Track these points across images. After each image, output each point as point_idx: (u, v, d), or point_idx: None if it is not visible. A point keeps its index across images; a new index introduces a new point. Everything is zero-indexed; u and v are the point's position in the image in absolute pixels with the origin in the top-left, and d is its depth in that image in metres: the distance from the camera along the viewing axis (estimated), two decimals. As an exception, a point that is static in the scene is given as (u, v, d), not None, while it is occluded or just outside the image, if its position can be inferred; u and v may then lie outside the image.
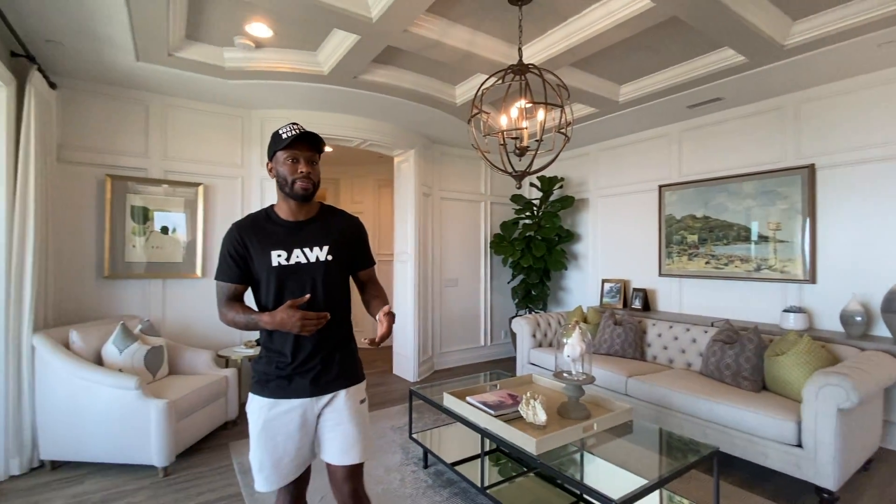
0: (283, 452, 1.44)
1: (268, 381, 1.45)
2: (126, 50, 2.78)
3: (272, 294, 1.45)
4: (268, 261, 1.44)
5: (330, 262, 1.50)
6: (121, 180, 3.36)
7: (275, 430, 1.43)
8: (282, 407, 1.44)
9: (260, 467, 1.43)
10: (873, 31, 2.52)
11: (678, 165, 4.19)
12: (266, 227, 1.49)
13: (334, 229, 1.56)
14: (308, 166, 1.44)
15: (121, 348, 2.77)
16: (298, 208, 1.51)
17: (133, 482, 2.48)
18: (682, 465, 1.88)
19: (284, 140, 1.41)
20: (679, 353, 3.58)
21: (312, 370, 1.47)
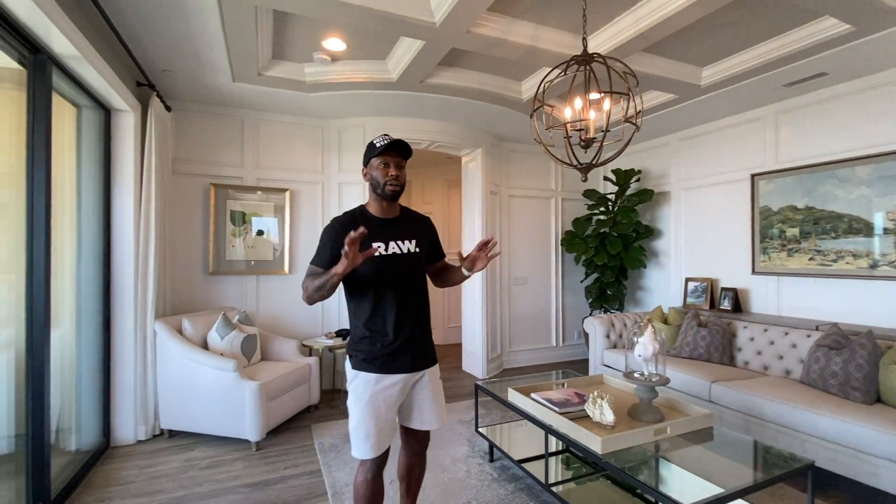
0: (385, 421, 1.63)
1: (374, 359, 1.63)
2: (224, 73, 3.16)
3: (372, 281, 1.64)
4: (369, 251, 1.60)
5: (417, 253, 1.75)
6: (222, 188, 3.81)
7: (380, 401, 1.61)
8: (386, 381, 1.63)
9: (367, 436, 1.59)
10: None
11: (774, 151, 3.77)
12: (365, 223, 1.66)
13: (417, 227, 1.81)
14: (396, 170, 1.66)
15: (222, 335, 3.15)
16: (388, 207, 1.73)
17: (232, 453, 2.81)
18: (768, 477, 1.71)
19: (378, 148, 1.64)
20: (775, 360, 3.23)
21: (412, 349, 1.68)
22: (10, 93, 2.14)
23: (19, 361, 2.17)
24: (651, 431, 2.02)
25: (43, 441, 2.15)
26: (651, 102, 3.83)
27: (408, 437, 1.84)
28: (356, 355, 1.66)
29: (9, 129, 2.13)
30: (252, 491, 2.38)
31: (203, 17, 2.47)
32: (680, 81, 3.34)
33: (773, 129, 3.77)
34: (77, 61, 2.27)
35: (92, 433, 2.82)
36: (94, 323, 2.85)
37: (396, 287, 1.66)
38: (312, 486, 2.43)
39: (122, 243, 2.97)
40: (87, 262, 2.83)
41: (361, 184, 4.12)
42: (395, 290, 1.66)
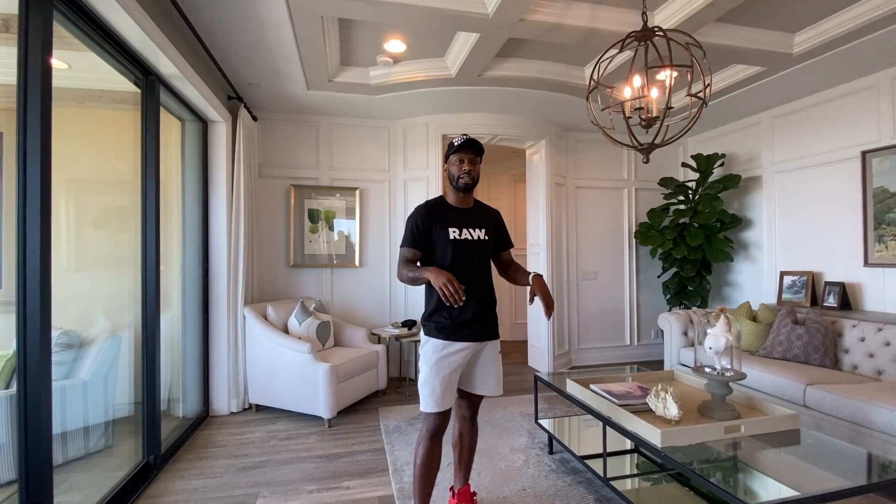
0: (449, 383, 1.84)
1: (444, 328, 1.86)
2: (299, 82, 3.46)
3: (448, 259, 1.88)
4: (446, 235, 1.89)
5: (486, 241, 1.96)
6: (300, 189, 4.16)
7: (445, 364, 1.84)
8: (452, 348, 1.85)
9: (432, 393, 1.81)
10: None
11: (892, 124, 3.25)
12: (442, 210, 1.94)
13: (487, 217, 2.02)
14: (469, 165, 1.89)
15: (300, 321, 3.45)
16: (463, 198, 1.96)
17: (307, 427, 3.08)
18: (859, 485, 1.51)
19: (454, 147, 1.89)
20: (892, 364, 2.79)
21: (475, 322, 1.88)
22: (128, 113, 2.56)
23: (137, 340, 2.58)
24: (721, 429, 1.87)
25: (155, 408, 2.54)
26: (733, 78, 3.50)
27: (461, 401, 2.02)
28: (429, 325, 1.90)
29: (128, 143, 2.55)
30: (323, 461, 2.59)
31: (279, 32, 2.74)
32: (767, 51, 3.02)
33: (889, 97, 3.25)
34: (179, 80, 2.63)
35: (194, 403, 3.24)
36: (196, 308, 3.28)
37: (466, 268, 1.88)
38: (376, 462, 2.58)
39: (217, 238, 3.37)
40: (190, 254, 3.26)
41: (425, 180, 4.25)
42: (465, 270, 1.87)
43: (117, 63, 2.25)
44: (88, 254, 2.71)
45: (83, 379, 2.42)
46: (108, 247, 2.81)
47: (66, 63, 2.27)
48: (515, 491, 2.25)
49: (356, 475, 2.44)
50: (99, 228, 2.80)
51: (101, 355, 2.51)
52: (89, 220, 2.71)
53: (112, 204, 2.82)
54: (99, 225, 2.79)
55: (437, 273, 1.72)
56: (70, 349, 2.42)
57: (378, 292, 4.34)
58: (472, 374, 1.96)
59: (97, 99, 2.69)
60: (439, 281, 1.69)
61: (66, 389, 2.33)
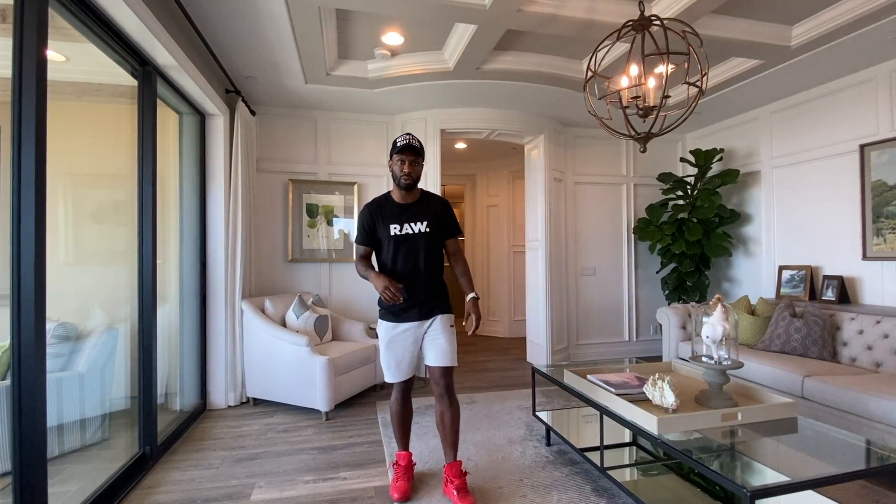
0: (402, 358, 2.12)
1: (392, 312, 2.11)
2: (297, 76, 3.45)
3: (390, 254, 2.10)
4: (388, 231, 2.08)
5: (428, 233, 2.11)
6: (299, 183, 4.16)
7: (396, 343, 2.11)
8: (400, 328, 2.10)
9: (387, 367, 2.13)
10: None
11: (890, 117, 3.25)
12: (385, 207, 2.13)
13: (431, 210, 2.15)
14: (409, 167, 2.04)
15: (298, 315, 3.45)
16: (406, 194, 2.12)
17: (305, 420, 3.07)
18: (852, 470, 1.50)
19: (396, 147, 2.05)
20: (890, 355, 2.79)
21: (419, 306, 2.11)
22: (126, 107, 2.55)
23: (133, 334, 2.58)
24: (717, 416, 1.87)
25: (151, 399, 2.53)
26: (731, 72, 3.50)
27: (431, 374, 2.16)
28: (381, 309, 2.16)
29: (126, 137, 2.55)
30: (320, 453, 2.58)
31: (276, 24, 2.74)
32: (765, 44, 3.02)
33: (887, 90, 3.25)
34: (176, 71, 2.63)
35: (192, 397, 3.24)
36: (194, 301, 3.28)
37: (407, 260, 2.08)
38: (373, 454, 2.57)
39: (215, 232, 3.37)
40: (188, 248, 3.26)
41: (424, 175, 4.23)
42: (407, 262, 2.08)
43: (114, 53, 2.24)
44: (86, 247, 2.71)
45: (80, 371, 2.41)
46: (106, 240, 2.81)
47: (63, 56, 2.27)
48: (512, 481, 2.25)
49: (353, 466, 2.43)
50: (97, 222, 2.80)
51: (98, 348, 2.50)
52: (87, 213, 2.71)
53: (110, 198, 2.82)
54: (97, 219, 2.79)
55: (376, 278, 1.98)
56: (67, 341, 2.42)
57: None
58: (427, 349, 2.13)
59: (95, 92, 2.69)
60: (378, 287, 1.96)
61: (62, 381, 2.33)
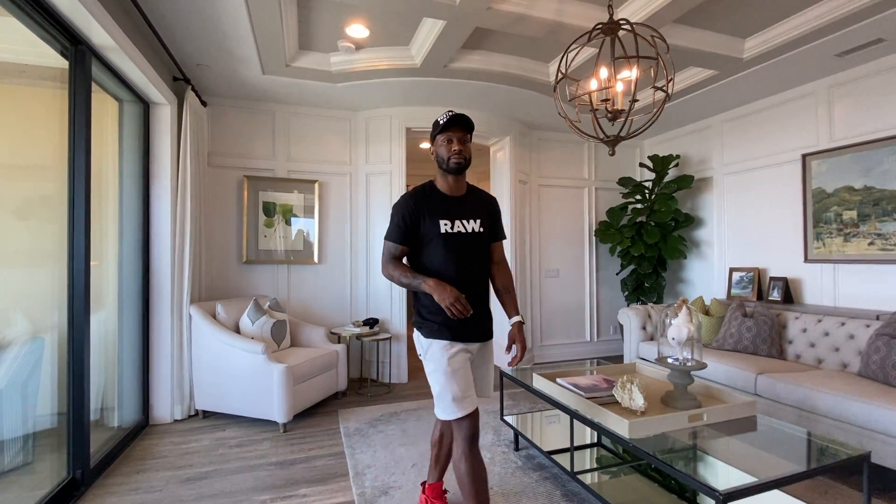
0: (467, 380, 1.68)
1: (446, 327, 1.70)
2: (254, 66, 3.25)
3: (439, 256, 1.71)
4: (436, 228, 1.70)
5: (482, 233, 1.79)
6: (255, 180, 3.93)
7: (458, 363, 1.68)
8: (456, 347, 1.70)
9: (454, 397, 1.62)
10: None
11: (828, 129, 3.48)
12: (432, 199, 1.74)
13: (482, 205, 1.84)
14: (459, 144, 1.70)
15: (253, 320, 3.24)
16: (455, 183, 1.76)
17: (260, 433, 2.88)
18: (815, 467, 1.55)
19: (441, 125, 1.68)
20: (830, 352, 2.96)
21: (476, 321, 1.75)
22: (56, 91, 2.28)
23: (61, 344, 2.30)
24: (685, 418, 1.89)
25: (83, 417, 2.27)
26: (689, 80, 3.63)
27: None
28: (428, 325, 1.73)
29: (55, 125, 2.28)
30: (277, 468, 2.41)
31: (231, 8, 2.55)
32: (720, 55, 3.14)
33: (825, 104, 3.48)
34: (115, 53, 2.38)
35: (132, 411, 2.96)
36: (135, 307, 3.00)
37: (460, 265, 1.71)
38: (335, 467, 2.43)
39: (160, 231, 3.10)
40: (129, 248, 2.98)
41: (388, 174, 4.13)
42: (459, 267, 1.71)
43: (40, 29, 2.00)
44: (7, 247, 2.41)
45: (-3, 387, 2.13)
46: (31, 239, 2.51)
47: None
48: (482, 490, 2.19)
49: (314, 482, 2.29)
50: (21, 219, 2.49)
51: (20, 360, 2.22)
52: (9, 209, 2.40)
53: (36, 192, 2.52)
54: (20, 215, 2.49)
55: (441, 290, 1.59)
56: (-19, 354, 2.13)
57: (338, 290, 4.17)
58: (474, 374, 1.80)
59: (19, 74, 2.40)
60: (446, 301, 1.57)
61: (-26, 399, 2.04)
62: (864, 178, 3.25)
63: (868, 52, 3.02)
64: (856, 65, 3.22)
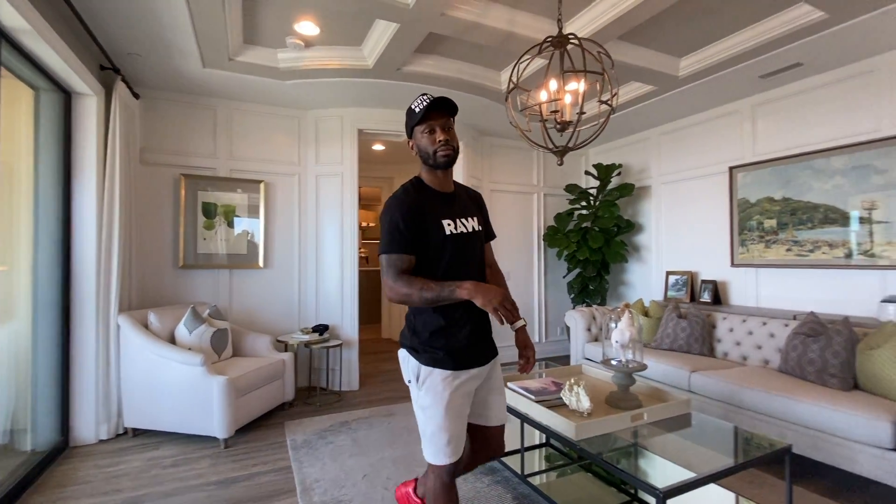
0: (464, 421, 1.47)
1: (451, 354, 1.45)
2: (193, 57, 3.05)
3: (444, 261, 1.45)
4: (440, 230, 1.45)
5: (480, 231, 1.59)
6: (193, 179, 3.69)
7: (460, 399, 1.44)
8: (464, 376, 1.46)
9: (449, 440, 1.42)
10: None
11: (752, 144, 3.80)
12: (428, 197, 1.49)
13: (473, 201, 1.65)
14: (445, 133, 1.45)
15: (190, 329, 3.03)
16: (444, 178, 1.53)
17: (199, 451, 2.69)
18: (742, 461, 1.68)
19: (418, 114, 1.43)
20: (754, 350, 3.23)
21: (483, 339, 1.55)
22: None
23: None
24: (628, 417, 1.98)
25: (-11, 439, 2.02)
26: (631, 94, 3.83)
27: (488, 438, 1.61)
28: (430, 350, 1.45)
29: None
30: (217, 488, 2.27)
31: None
32: (658, 72, 3.34)
33: (750, 121, 3.79)
34: (29, 36, 2.15)
35: (49, 433, 2.67)
36: (53, 317, 2.71)
37: (468, 270, 1.48)
38: (281, 483, 2.33)
39: (84, 234, 2.83)
40: (45, 252, 2.69)
41: (339, 175, 4.03)
42: (468, 273, 1.47)
43: (-65, 4, 1.76)
44: None
45: None
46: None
47: None
48: (434, 498, 2.17)
49: (257, 500, 2.17)
50: None
51: None
52: None
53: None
54: None
55: (486, 292, 1.32)
56: None
57: (285, 295, 4.01)
58: (487, 402, 1.58)
59: None
60: (494, 303, 1.31)
61: None
62: (782, 189, 3.58)
63: (788, 75, 3.33)
64: (777, 86, 3.53)
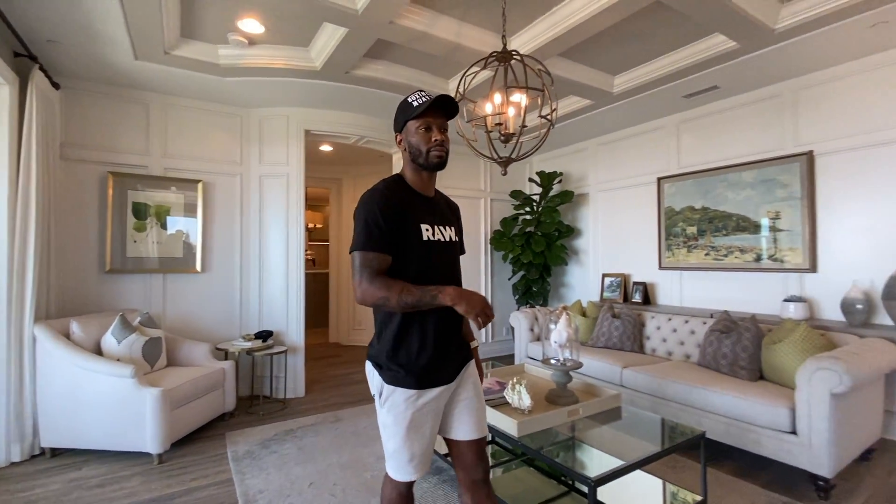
0: (430, 439, 1.39)
1: (413, 373, 1.35)
2: (124, 48, 2.86)
3: (418, 270, 1.35)
4: (418, 234, 1.36)
5: (456, 242, 1.51)
6: (122, 177, 3.44)
7: (423, 419, 1.36)
8: (430, 394, 1.37)
9: (411, 458, 1.36)
10: (866, 10, 2.47)
11: (677, 157, 4.15)
12: (409, 197, 1.39)
13: (453, 211, 1.57)
14: (441, 134, 1.38)
15: (119, 339, 2.84)
16: (428, 181, 1.44)
17: (129, 468, 2.53)
18: (663, 449, 1.85)
19: (416, 108, 1.34)
20: (678, 345, 3.53)
21: (451, 355, 1.43)
22: None
23: None
24: (565, 413, 2.11)
25: None
26: (570, 107, 4.05)
27: (463, 455, 1.45)
28: (392, 368, 1.35)
29: None
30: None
31: (94, -17, 2.23)
32: (595, 88, 3.57)
33: (675, 136, 4.15)
34: (-72, 18, 1.93)
35: (-52, 457, 2.40)
36: (-47, 328, 2.44)
37: (442, 280, 1.37)
38: (222, 497, 2.25)
39: (-8, 235, 2.57)
40: (-56, 256, 2.42)
41: (285, 176, 3.93)
42: (442, 283, 1.35)
43: None
44: None
45: None
46: None
47: None
48: (382, 501, 2.20)
49: (197, 515, 2.09)
50: None
51: None
52: None
53: None
54: None
55: (469, 297, 1.24)
56: None
57: (225, 301, 3.84)
58: (457, 415, 1.45)
59: None
60: (476, 308, 1.23)
61: None
62: (702, 199, 3.94)
63: (707, 96, 3.68)
64: (698, 105, 3.89)
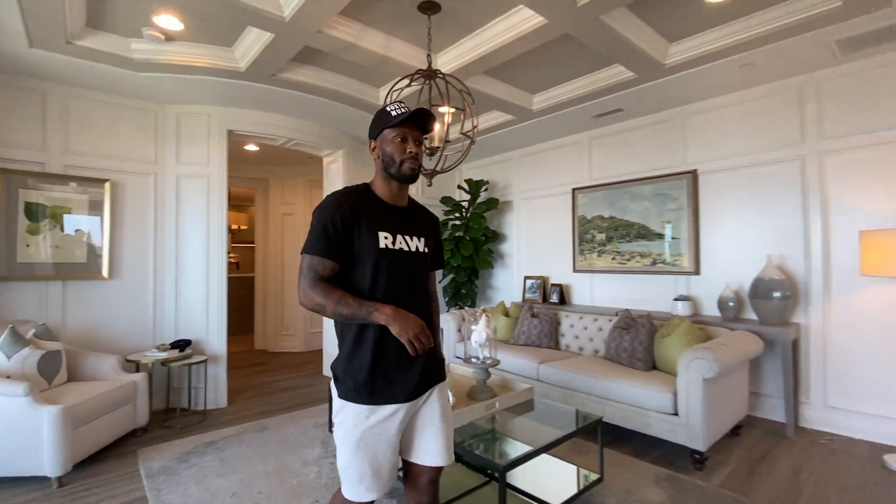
0: (383, 460, 1.32)
1: (365, 385, 1.31)
2: (17, 34, 2.60)
3: (374, 279, 1.33)
4: (375, 241, 1.34)
5: (426, 254, 1.48)
6: (13, 174, 3.11)
7: (374, 438, 1.30)
8: (382, 412, 1.31)
9: (360, 478, 1.30)
10: (735, 53, 2.93)
11: (589, 170, 4.56)
12: (370, 205, 1.39)
13: (427, 223, 1.53)
14: (416, 146, 1.39)
15: (9, 354, 2.58)
16: (399, 192, 1.44)
17: (21, 495, 2.31)
18: (566, 434, 2.09)
19: (394, 118, 1.35)
20: (588, 342, 3.89)
21: (417, 369, 1.36)
22: None
23: None
24: (483, 408, 2.29)
25: None
26: (494, 121, 4.30)
27: (415, 477, 1.45)
28: (345, 381, 1.32)
29: None
30: (49, 533, 2.00)
31: (-18, -36, 2.03)
32: (516, 104, 3.84)
33: (587, 151, 4.56)
34: None
35: None
36: None
37: (401, 290, 1.36)
38: (134, 515, 2.15)
39: None
40: None
41: (205, 177, 3.77)
42: (400, 294, 1.35)
43: None
44: None
45: None
46: None
47: None
48: (308, 504, 2.23)
49: (105, 537, 1.98)
50: None
51: None
52: None
53: None
54: None
55: (403, 320, 1.25)
56: None
57: (137, 309, 3.59)
58: (418, 437, 1.41)
59: None
60: (410, 333, 1.24)
61: None
62: (610, 209, 4.38)
63: (613, 117, 4.10)
64: (607, 124, 4.31)
